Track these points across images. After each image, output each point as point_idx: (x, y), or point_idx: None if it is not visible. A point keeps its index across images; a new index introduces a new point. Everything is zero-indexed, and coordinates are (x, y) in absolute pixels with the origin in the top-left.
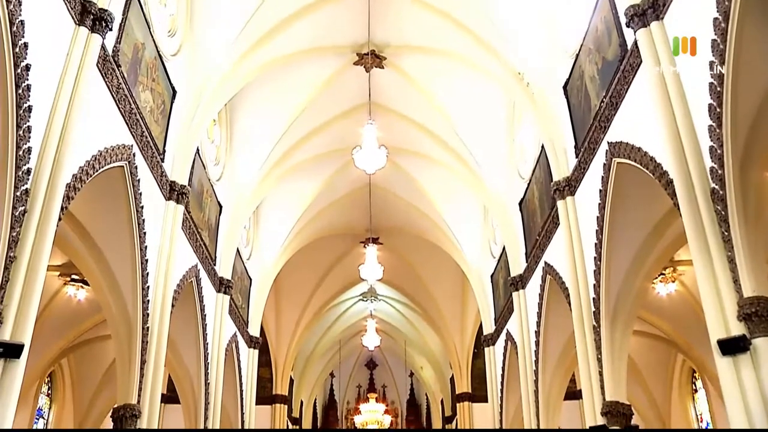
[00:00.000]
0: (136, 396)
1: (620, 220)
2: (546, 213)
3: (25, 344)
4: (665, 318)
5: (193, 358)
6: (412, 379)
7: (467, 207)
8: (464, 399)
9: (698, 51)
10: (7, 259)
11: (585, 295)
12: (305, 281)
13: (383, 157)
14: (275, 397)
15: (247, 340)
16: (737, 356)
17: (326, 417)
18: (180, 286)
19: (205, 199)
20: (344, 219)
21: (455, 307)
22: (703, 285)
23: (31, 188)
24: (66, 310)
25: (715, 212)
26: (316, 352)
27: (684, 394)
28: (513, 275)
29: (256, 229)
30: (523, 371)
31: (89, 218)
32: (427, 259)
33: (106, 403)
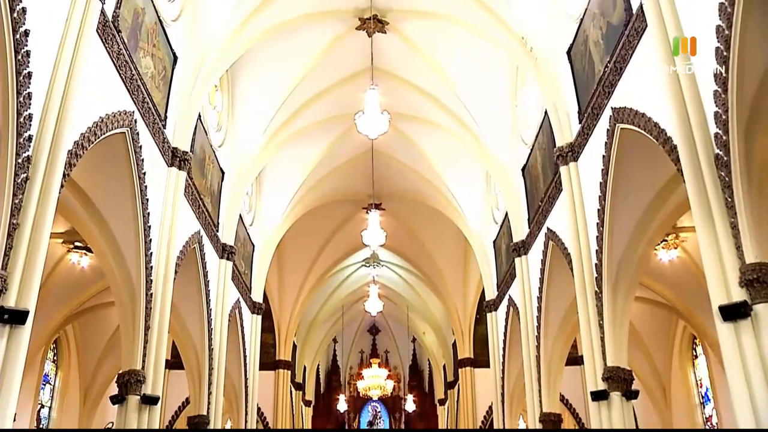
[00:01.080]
0: (141, 362)
1: (623, 186)
2: (549, 179)
3: (29, 311)
4: (667, 284)
5: (197, 324)
6: (414, 345)
7: (470, 173)
8: (466, 364)
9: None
10: (10, 227)
11: (587, 261)
12: (308, 247)
13: (385, 122)
14: (278, 363)
15: (250, 306)
16: (738, 322)
17: (329, 382)
18: (183, 253)
19: (207, 166)
20: (347, 185)
21: (457, 273)
22: (705, 251)
23: (32, 155)
24: (70, 277)
25: (719, 178)
26: (318, 318)
27: (684, 360)
28: (515, 241)
29: (259, 195)
30: (525, 337)
31: (92, 185)
32: (430, 224)
33: (111, 368)
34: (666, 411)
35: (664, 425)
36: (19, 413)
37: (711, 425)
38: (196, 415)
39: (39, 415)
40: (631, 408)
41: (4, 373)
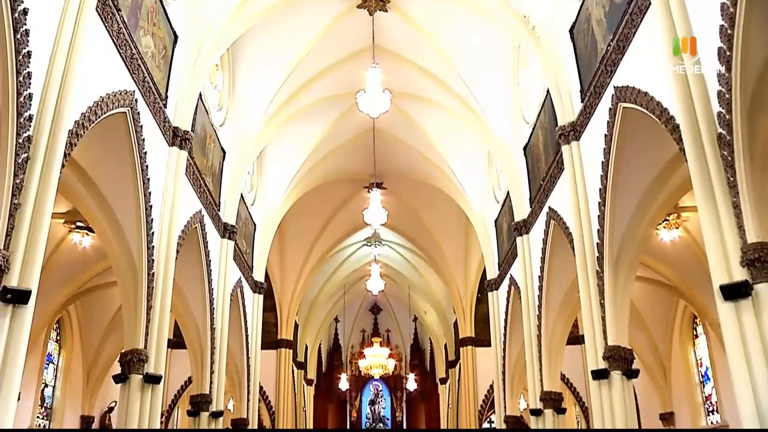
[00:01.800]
0: (143, 341)
1: (625, 166)
2: (550, 158)
3: (32, 290)
4: (668, 264)
5: (199, 304)
6: (415, 324)
7: (471, 152)
8: (467, 343)
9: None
10: (11, 207)
11: (589, 241)
12: (309, 226)
13: (387, 100)
14: (280, 342)
15: (251, 285)
16: (739, 302)
17: (331, 361)
18: (184, 232)
19: (208, 145)
20: (348, 164)
21: (459, 252)
22: (707, 230)
23: (33, 135)
24: (72, 257)
25: (721, 158)
26: (320, 297)
27: (685, 339)
28: (517, 220)
29: (260, 174)
30: (526, 316)
31: (93, 165)
32: (431, 204)
33: (113, 348)
34: (666, 390)
35: (663, 404)
36: (23, 392)
37: (710, 404)
38: (198, 394)
39: (43, 394)
40: (631, 387)
41: (8, 352)
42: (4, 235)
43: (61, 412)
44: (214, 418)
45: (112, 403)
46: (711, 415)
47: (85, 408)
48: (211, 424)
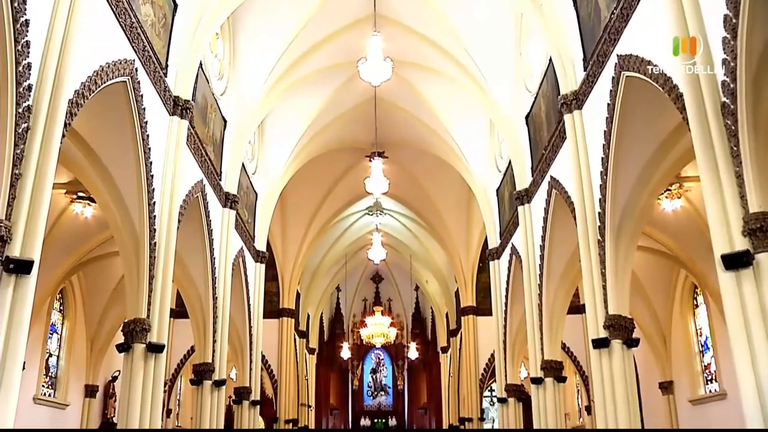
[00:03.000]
0: (146, 310)
1: (628, 135)
2: (553, 127)
3: (34, 260)
4: (669, 234)
5: (201, 273)
6: (417, 293)
7: (473, 121)
8: (469, 312)
9: None
10: (12, 177)
11: (590, 210)
12: (311, 195)
13: (388, 68)
14: (282, 311)
15: (253, 254)
16: (740, 271)
17: (333, 330)
18: (186, 202)
19: (209, 114)
20: (350, 133)
21: (460, 221)
22: (709, 200)
23: (33, 105)
24: (73, 227)
25: (725, 127)
26: (322, 266)
27: (685, 309)
28: (518, 189)
29: (261, 143)
30: (528, 285)
31: (93, 135)
32: (433, 173)
33: (116, 318)
34: (665, 359)
35: (663, 373)
36: (28, 362)
37: (709, 373)
38: (201, 363)
39: (47, 363)
40: (631, 356)
41: (12, 322)
42: (6, 205)
43: (66, 381)
44: (216, 386)
45: (115, 372)
46: (709, 384)
47: (89, 377)
48: (214, 392)
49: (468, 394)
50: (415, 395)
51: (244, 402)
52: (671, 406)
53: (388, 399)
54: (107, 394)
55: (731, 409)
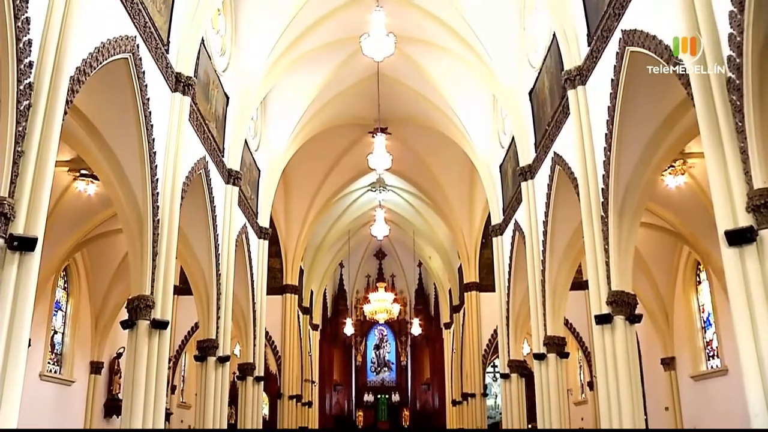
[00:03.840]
0: (150, 287)
1: (631, 111)
2: (556, 103)
3: (38, 237)
4: (673, 210)
5: (204, 250)
6: (420, 269)
7: (476, 97)
8: (472, 288)
9: None
10: (15, 154)
11: (594, 186)
12: (314, 172)
13: (391, 44)
14: (285, 287)
15: (256, 231)
16: (743, 247)
17: (336, 306)
18: (189, 178)
19: (211, 91)
20: (352, 109)
21: (464, 197)
22: (713, 176)
23: (34, 82)
24: (77, 204)
25: (730, 102)
26: (325, 243)
27: (688, 285)
28: (522, 165)
29: (264, 120)
30: (531, 261)
31: (96, 112)
32: (436, 149)
33: (120, 294)
34: (668, 335)
35: (665, 349)
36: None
37: (711, 349)
38: (205, 339)
39: (53, 340)
40: (633, 332)
41: (16, 299)
42: (9, 183)
43: (71, 358)
44: (220, 363)
45: (120, 349)
46: (711, 360)
47: (94, 354)
48: (218, 368)
49: (471, 369)
50: (418, 371)
51: (248, 378)
52: (673, 382)
53: (392, 375)
54: (112, 371)
55: (733, 385)
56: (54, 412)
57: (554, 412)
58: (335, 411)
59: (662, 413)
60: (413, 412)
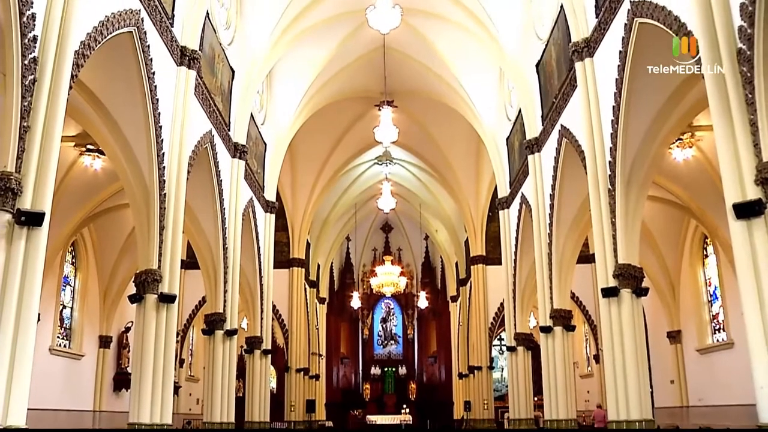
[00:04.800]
0: (157, 261)
1: (639, 83)
2: (563, 75)
3: (45, 212)
4: (680, 184)
5: (211, 224)
6: (427, 242)
7: (483, 69)
8: (478, 262)
9: None
10: (21, 129)
11: (601, 159)
12: (320, 145)
13: (397, 15)
14: (292, 261)
15: (263, 204)
16: (751, 220)
17: (343, 280)
18: (195, 152)
19: (217, 64)
20: (358, 82)
21: (470, 171)
22: (721, 148)
23: (39, 56)
24: (83, 179)
25: (740, 74)
26: (332, 216)
27: (694, 259)
28: (528, 138)
29: (270, 93)
30: (537, 234)
31: (101, 87)
32: (442, 122)
33: (128, 269)
34: (674, 309)
35: (671, 323)
36: (43, 314)
37: (717, 323)
38: (212, 313)
39: (61, 315)
40: (640, 305)
41: (25, 274)
42: (15, 158)
43: (80, 332)
44: (228, 336)
45: (128, 323)
46: (717, 333)
47: (102, 328)
48: (226, 342)
49: (477, 342)
50: (424, 344)
51: (255, 351)
52: (679, 355)
53: (398, 348)
54: (121, 345)
55: (738, 358)
56: (64, 386)
57: (560, 384)
58: (342, 384)
59: (668, 386)
60: (420, 384)
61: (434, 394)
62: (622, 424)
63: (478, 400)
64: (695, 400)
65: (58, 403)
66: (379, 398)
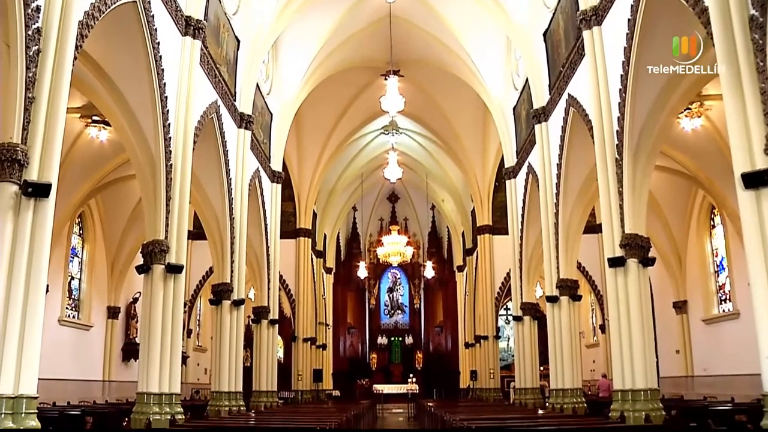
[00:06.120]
0: (164, 232)
1: (648, 52)
2: (571, 44)
3: (52, 183)
4: (688, 153)
5: (217, 194)
6: (433, 212)
7: (490, 38)
8: (485, 231)
9: None
10: (26, 100)
11: (608, 128)
12: (326, 115)
13: None
14: (299, 231)
15: (269, 174)
16: (760, 190)
17: (349, 250)
18: (201, 123)
19: (222, 34)
20: (365, 51)
21: (477, 140)
22: (731, 117)
23: (42, 26)
24: (89, 151)
25: (752, 41)
26: (338, 186)
27: (701, 229)
28: (536, 107)
29: (275, 63)
30: (544, 204)
31: (106, 58)
32: (449, 91)
33: (135, 240)
34: (680, 279)
35: (677, 293)
36: (51, 285)
37: (723, 293)
38: (220, 283)
39: (70, 286)
40: (646, 275)
41: (33, 245)
42: (21, 129)
43: (89, 303)
44: (235, 306)
45: (136, 294)
46: (723, 304)
47: (111, 299)
48: (233, 312)
49: (483, 312)
50: (431, 314)
51: (262, 321)
52: (684, 325)
53: (405, 317)
54: (129, 315)
55: (744, 329)
56: (74, 356)
57: (566, 354)
58: (349, 353)
59: (673, 356)
60: (426, 354)
61: (440, 363)
62: (627, 394)
63: (485, 370)
64: (700, 370)
65: (68, 373)
66: (385, 368)
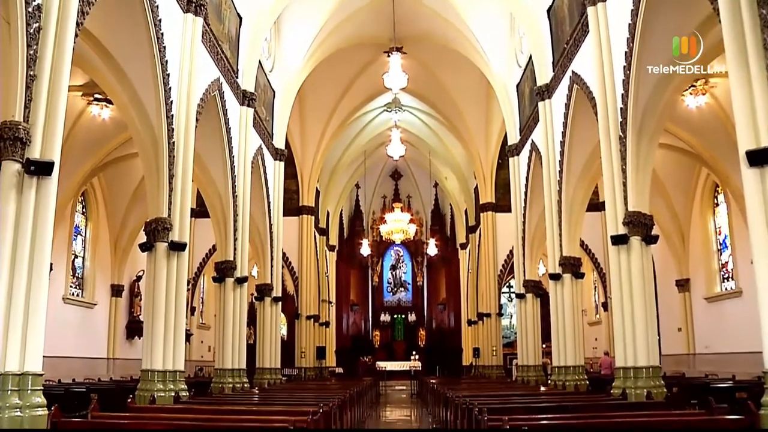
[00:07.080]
0: (167, 209)
1: (653, 28)
2: (575, 20)
3: (54, 161)
4: (692, 131)
5: (220, 172)
6: (436, 190)
7: (493, 14)
8: (488, 209)
9: None
10: (27, 78)
11: (612, 106)
12: (329, 92)
13: None
14: (302, 209)
15: (272, 152)
16: (764, 168)
17: (352, 227)
18: (203, 100)
19: (224, 11)
20: (367, 28)
21: (480, 117)
22: (736, 94)
23: (43, 3)
24: (92, 129)
25: (759, 17)
26: (341, 164)
27: (705, 207)
28: (539, 85)
29: (278, 40)
30: (547, 182)
31: (107, 35)
32: (452, 68)
33: (138, 218)
34: (683, 257)
35: (680, 271)
36: (55, 264)
37: (726, 271)
38: (223, 260)
39: (74, 264)
40: (649, 252)
41: (36, 224)
42: (23, 107)
43: (92, 281)
44: (238, 284)
45: (140, 272)
46: (726, 282)
47: (114, 277)
48: (236, 289)
49: (486, 289)
50: (434, 291)
51: (266, 298)
52: (687, 303)
53: (408, 295)
54: (133, 293)
55: (746, 307)
56: (78, 334)
57: (568, 332)
58: (352, 331)
59: (675, 334)
60: (429, 331)
61: (443, 340)
62: (629, 371)
63: (487, 347)
64: (702, 347)
65: (73, 350)
66: (388, 345)
